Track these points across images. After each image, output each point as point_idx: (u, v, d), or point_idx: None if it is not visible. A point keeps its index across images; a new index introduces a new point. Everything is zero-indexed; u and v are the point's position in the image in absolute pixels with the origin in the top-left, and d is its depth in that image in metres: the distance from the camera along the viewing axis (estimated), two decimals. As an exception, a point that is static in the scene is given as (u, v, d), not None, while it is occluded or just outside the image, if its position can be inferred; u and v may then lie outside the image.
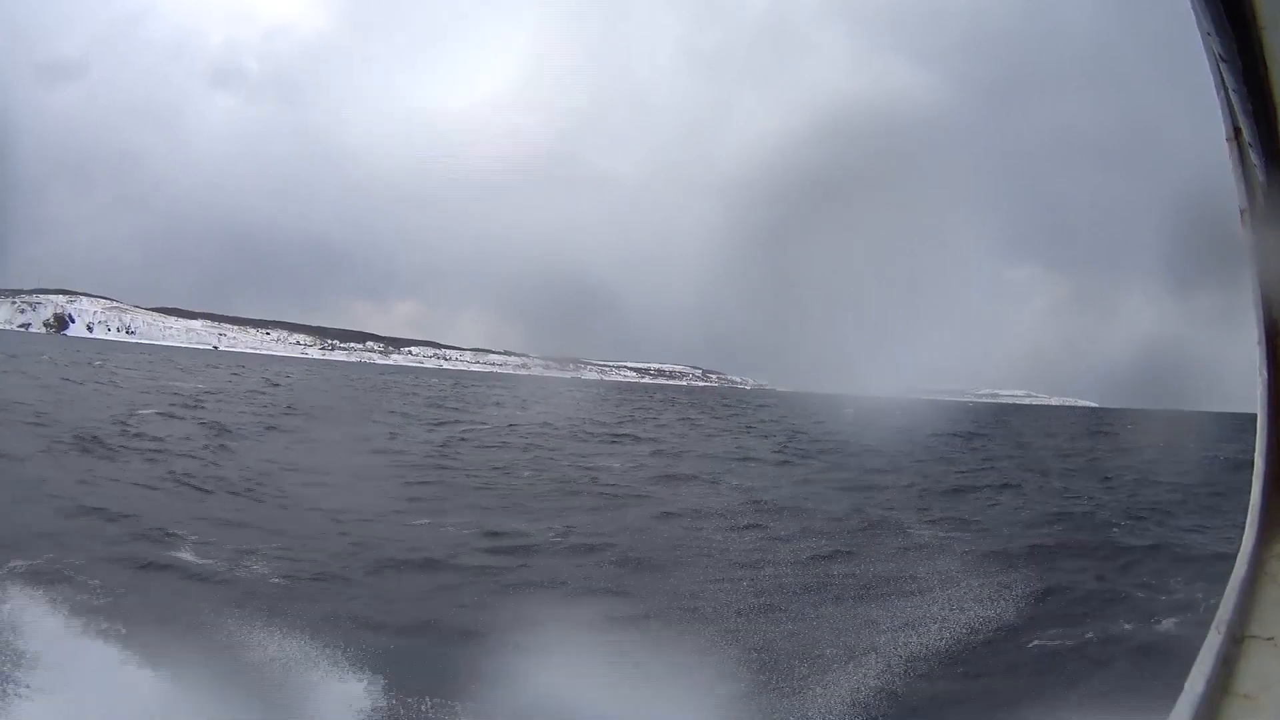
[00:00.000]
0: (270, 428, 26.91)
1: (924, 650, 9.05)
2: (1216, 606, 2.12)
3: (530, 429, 33.78)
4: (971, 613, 10.07)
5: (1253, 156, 1.99)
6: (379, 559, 11.99)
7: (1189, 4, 1.69)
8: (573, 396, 74.95)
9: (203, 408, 32.12)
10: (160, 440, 21.11)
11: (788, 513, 16.46)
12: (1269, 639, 2.06)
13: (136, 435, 21.59)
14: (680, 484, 19.86)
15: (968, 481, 21.36)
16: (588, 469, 21.76)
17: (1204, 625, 2.11)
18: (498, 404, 56.99)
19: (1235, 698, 1.90)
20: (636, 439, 32.06)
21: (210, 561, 11.19)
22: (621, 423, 42.71)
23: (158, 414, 27.21)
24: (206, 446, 20.93)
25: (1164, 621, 9.69)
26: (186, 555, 11.40)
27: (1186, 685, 1.89)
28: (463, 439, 29.34)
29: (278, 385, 56.43)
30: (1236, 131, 2.11)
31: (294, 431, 26.51)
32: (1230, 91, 1.88)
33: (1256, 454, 2.46)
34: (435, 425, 34.62)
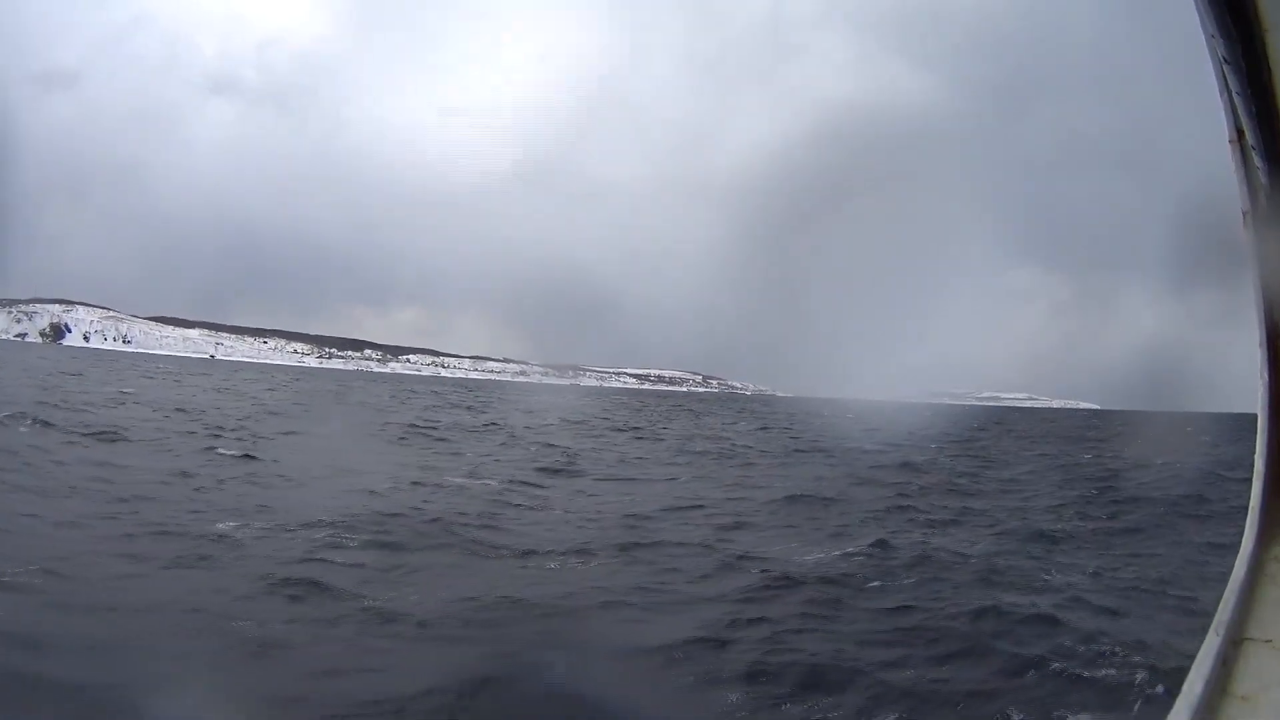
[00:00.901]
0: (149, 430, 26.16)
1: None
2: (1216, 608, 2.40)
3: (441, 436, 34.46)
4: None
5: (1255, 159, 2.20)
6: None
7: (1193, 8, 1.93)
8: (542, 401, 75.05)
9: (89, 411, 31.54)
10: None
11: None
12: (1268, 641, 2.31)
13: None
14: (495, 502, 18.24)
15: (872, 497, 19.83)
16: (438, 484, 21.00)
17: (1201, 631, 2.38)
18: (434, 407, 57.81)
19: (1234, 699, 2.14)
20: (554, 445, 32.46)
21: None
22: (560, 426, 43.08)
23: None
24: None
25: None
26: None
27: (1185, 687, 2.12)
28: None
29: (221, 392, 56.10)
30: (1239, 134, 2.32)
31: (158, 435, 25.94)
32: (1234, 94, 2.07)
33: (1257, 455, 2.74)
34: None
